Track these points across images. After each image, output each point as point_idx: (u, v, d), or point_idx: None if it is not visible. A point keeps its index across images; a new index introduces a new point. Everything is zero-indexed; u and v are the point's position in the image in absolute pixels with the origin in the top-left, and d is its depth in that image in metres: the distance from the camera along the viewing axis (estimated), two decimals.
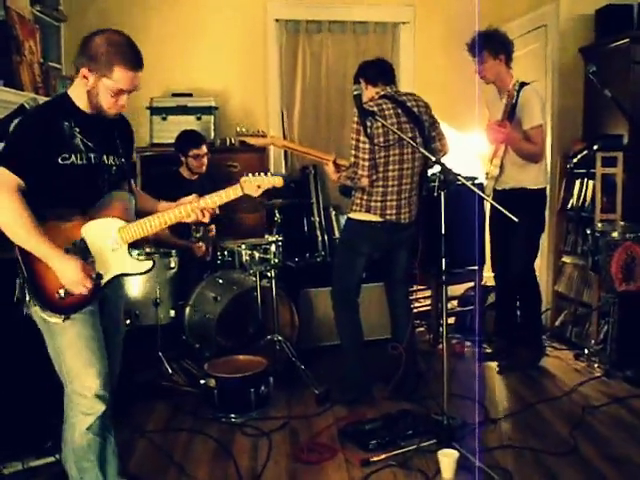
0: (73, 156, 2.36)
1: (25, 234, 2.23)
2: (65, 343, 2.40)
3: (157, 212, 2.59)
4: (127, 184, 2.61)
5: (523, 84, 4.06)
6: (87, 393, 2.41)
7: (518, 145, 4.03)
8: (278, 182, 2.72)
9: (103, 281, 2.42)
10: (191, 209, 2.55)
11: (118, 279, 2.57)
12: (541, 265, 5.04)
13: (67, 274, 2.29)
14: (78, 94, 2.41)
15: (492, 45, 4.08)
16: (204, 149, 4.64)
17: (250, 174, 2.66)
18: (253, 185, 2.66)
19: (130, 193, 2.58)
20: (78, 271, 2.30)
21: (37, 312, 2.38)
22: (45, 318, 2.35)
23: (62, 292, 2.32)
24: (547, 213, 4.44)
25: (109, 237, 2.45)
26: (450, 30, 5.68)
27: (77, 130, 2.38)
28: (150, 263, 2.54)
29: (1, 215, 2.22)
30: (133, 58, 2.34)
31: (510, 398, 3.88)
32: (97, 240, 2.42)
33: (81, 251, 2.38)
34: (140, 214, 2.55)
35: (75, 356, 2.40)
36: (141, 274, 2.58)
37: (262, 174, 2.68)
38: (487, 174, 4.28)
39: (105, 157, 2.48)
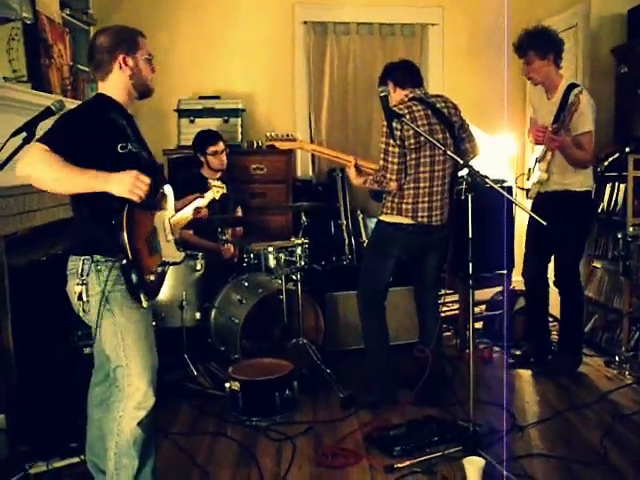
0: (129, 144, 2.43)
1: (69, 174, 2.22)
2: (133, 330, 2.43)
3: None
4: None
5: (572, 85, 3.96)
6: (143, 383, 2.44)
7: (570, 152, 3.93)
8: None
9: (167, 268, 2.57)
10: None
11: None
12: None
13: (125, 182, 2.25)
14: (114, 90, 2.51)
15: (539, 45, 3.97)
16: (221, 145, 4.68)
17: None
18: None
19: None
20: (132, 174, 2.28)
21: (117, 300, 2.39)
22: (137, 302, 2.40)
23: (152, 276, 2.42)
24: None
25: (165, 228, 2.58)
26: (479, 31, 5.65)
27: (124, 122, 2.48)
28: (183, 254, 2.72)
29: (35, 169, 2.21)
30: (138, 29, 2.57)
31: (538, 405, 3.81)
32: (160, 230, 2.54)
33: (154, 240, 2.49)
34: None
35: (138, 345, 2.44)
36: (179, 264, 2.74)
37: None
38: (517, 177, 4.19)
39: (142, 152, 2.56)
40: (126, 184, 2.26)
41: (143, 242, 2.39)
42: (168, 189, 2.66)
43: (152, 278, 2.43)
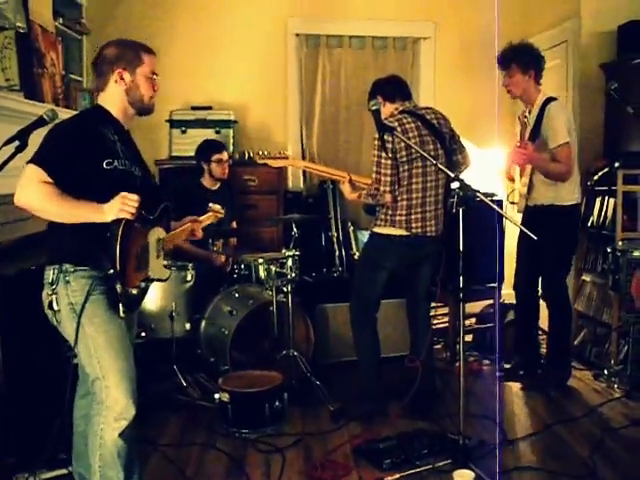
0: (116, 161, 2.44)
1: (68, 210, 2.31)
2: (103, 342, 2.41)
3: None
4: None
5: (548, 100, 4.00)
6: (121, 394, 2.41)
7: (542, 166, 3.97)
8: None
9: (150, 284, 2.59)
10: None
11: None
12: None
13: (114, 206, 2.31)
14: (110, 103, 2.53)
15: (522, 59, 4.01)
16: (226, 155, 4.73)
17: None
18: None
19: None
20: (118, 197, 2.32)
21: (86, 311, 2.38)
22: (114, 311, 2.41)
23: (135, 290, 2.46)
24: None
25: (156, 245, 2.59)
26: (471, 46, 5.68)
27: (116, 137, 2.48)
28: (169, 272, 2.76)
29: (32, 200, 2.29)
30: (146, 45, 2.59)
31: (528, 418, 3.81)
32: (152, 247, 2.57)
33: (144, 255, 2.51)
34: None
35: (111, 356, 2.42)
36: (164, 281, 2.76)
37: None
38: (509, 193, 4.21)
39: (134, 168, 2.56)
40: (115, 208, 2.31)
41: (133, 256, 2.40)
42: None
43: (134, 292, 2.46)
